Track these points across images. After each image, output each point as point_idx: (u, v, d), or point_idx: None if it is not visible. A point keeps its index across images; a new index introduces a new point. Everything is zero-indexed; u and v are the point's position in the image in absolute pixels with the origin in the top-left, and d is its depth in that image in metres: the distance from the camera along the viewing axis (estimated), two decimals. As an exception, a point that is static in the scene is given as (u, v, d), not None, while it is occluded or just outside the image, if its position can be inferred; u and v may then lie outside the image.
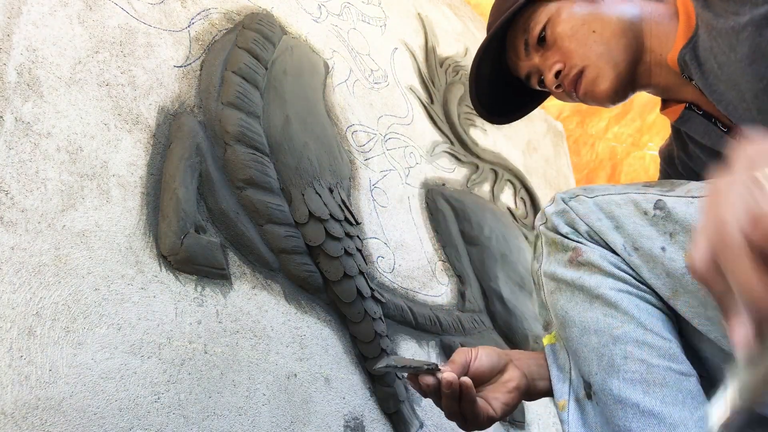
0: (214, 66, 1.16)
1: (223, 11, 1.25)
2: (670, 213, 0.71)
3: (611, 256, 0.75)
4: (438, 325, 1.39)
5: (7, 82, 0.85)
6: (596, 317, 0.75)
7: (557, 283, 0.80)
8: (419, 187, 1.61)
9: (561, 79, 0.96)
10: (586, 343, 0.75)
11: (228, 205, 1.06)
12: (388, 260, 1.38)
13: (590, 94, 0.95)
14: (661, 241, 0.71)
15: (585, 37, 0.92)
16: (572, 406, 0.78)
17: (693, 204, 0.69)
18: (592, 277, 0.76)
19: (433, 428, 1.27)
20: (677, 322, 0.75)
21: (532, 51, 0.99)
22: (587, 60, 0.92)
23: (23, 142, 0.84)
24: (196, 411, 0.90)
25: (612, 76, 0.91)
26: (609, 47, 0.91)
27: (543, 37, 0.96)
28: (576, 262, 0.77)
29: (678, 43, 0.86)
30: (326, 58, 1.47)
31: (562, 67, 0.95)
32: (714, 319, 0.66)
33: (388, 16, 1.82)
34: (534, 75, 1.03)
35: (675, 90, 0.94)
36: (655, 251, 0.71)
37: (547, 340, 0.85)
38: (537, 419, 1.58)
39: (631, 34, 0.91)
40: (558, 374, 0.82)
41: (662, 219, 0.71)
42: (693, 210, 0.69)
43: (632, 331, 0.72)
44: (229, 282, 1.03)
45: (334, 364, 1.14)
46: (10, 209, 0.80)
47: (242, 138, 1.11)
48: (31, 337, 0.77)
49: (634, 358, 0.70)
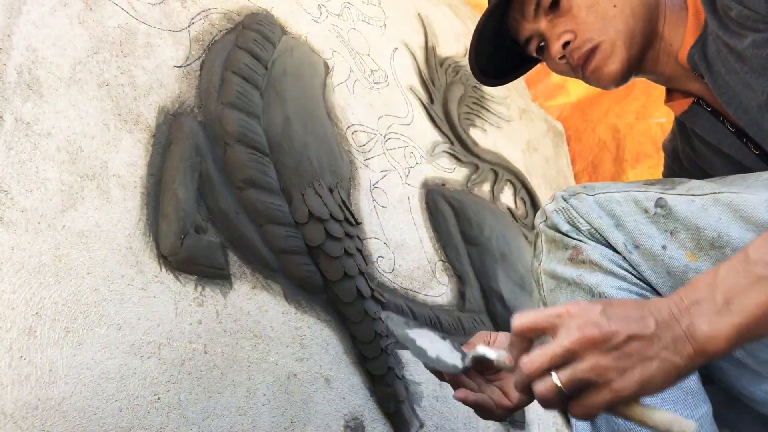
0: (214, 66, 1.16)
1: (223, 11, 1.25)
2: (671, 211, 0.70)
3: (612, 255, 0.75)
4: (438, 325, 1.39)
5: (7, 82, 0.85)
6: None
7: (557, 282, 0.80)
8: (419, 187, 1.61)
9: (569, 51, 0.90)
10: None
11: (228, 205, 1.06)
12: (388, 260, 1.38)
13: (598, 72, 0.90)
14: (661, 240, 0.71)
15: (605, 11, 0.87)
16: None
17: (694, 202, 0.69)
18: (593, 275, 0.75)
19: (433, 428, 1.27)
20: None
21: (541, 14, 0.92)
22: (604, 35, 0.87)
23: (23, 142, 0.84)
24: (196, 411, 0.90)
25: (624, 57, 0.88)
26: (628, 25, 0.87)
27: (557, 0, 0.90)
28: (576, 260, 0.77)
29: (688, 39, 0.85)
30: (326, 58, 1.47)
31: (573, 38, 0.89)
32: None
33: (388, 16, 1.82)
34: (534, 40, 0.96)
35: (680, 81, 0.92)
36: (656, 249, 0.71)
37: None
38: (537, 419, 1.58)
39: (649, 16, 0.88)
40: None
41: (663, 217, 0.71)
42: (694, 208, 0.69)
43: None
44: (229, 282, 1.03)
45: (334, 364, 1.14)
46: (10, 209, 0.80)
47: (242, 138, 1.11)
48: (31, 337, 0.77)
49: None
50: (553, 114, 2.54)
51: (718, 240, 0.66)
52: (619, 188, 0.77)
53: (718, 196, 0.67)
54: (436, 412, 1.30)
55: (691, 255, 0.68)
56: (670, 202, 0.71)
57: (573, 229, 0.78)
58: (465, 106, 1.97)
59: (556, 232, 0.80)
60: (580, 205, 0.78)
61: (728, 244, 0.65)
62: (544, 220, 0.83)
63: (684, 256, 0.69)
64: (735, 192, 0.66)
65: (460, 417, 1.35)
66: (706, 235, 0.67)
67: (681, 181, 0.76)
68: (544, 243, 0.82)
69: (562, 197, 0.81)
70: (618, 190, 0.77)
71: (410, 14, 1.94)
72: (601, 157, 2.34)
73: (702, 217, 0.67)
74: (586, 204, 0.78)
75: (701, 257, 0.67)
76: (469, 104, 2.01)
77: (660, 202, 0.72)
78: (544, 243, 0.82)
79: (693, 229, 0.68)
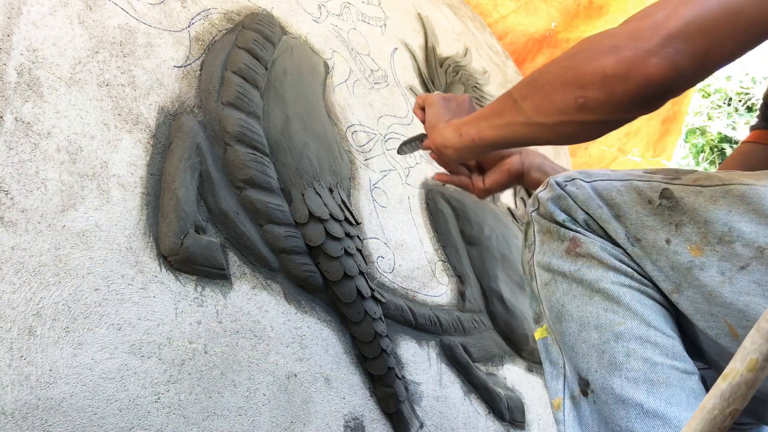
0: (214, 66, 1.16)
1: (223, 11, 1.25)
2: (678, 203, 0.67)
3: (612, 248, 0.71)
4: (438, 325, 1.39)
5: (7, 82, 0.85)
6: (596, 312, 0.71)
7: (552, 275, 0.76)
8: (419, 187, 1.61)
9: None
10: (586, 338, 0.72)
11: (228, 205, 1.06)
12: (388, 260, 1.38)
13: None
14: (665, 233, 0.67)
15: None
16: (567, 405, 0.75)
17: (702, 193, 0.65)
18: (592, 270, 0.72)
19: (433, 428, 1.27)
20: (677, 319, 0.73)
21: None
22: None
23: (23, 142, 0.84)
24: (196, 411, 0.90)
25: None
26: None
27: None
28: (574, 253, 0.73)
29: None
30: (326, 58, 1.47)
31: None
32: (717, 315, 0.64)
33: (388, 16, 1.82)
34: None
35: None
36: (660, 243, 0.67)
37: (539, 334, 0.81)
38: (537, 419, 1.58)
39: None
40: (551, 370, 0.77)
41: (668, 209, 0.67)
42: (702, 200, 0.65)
43: (635, 327, 0.68)
44: (229, 282, 1.03)
45: (334, 364, 1.14)
46: (10, 209, 0.80)
47: (242, 138, 1.11)
48: (31, 337, 0.77)
49: (637, 356, 0.67)
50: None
51: (728, 234, 0.62)
52: (618, 176, 0.73)
53: (728, 188, 0.63)
54: (436, 412, 1.30)
55: (696, 250, 0.64)
56: (676, 193, 0.67)
57: (569, 218, 0.74)
58: (465, 106, 1.97)
59: (551, 222, 0.76)
60: (578, 193, 0.73)
61: (739, 239, 0.61)
62: (536, 208, 0.78)
63: (688, 251, 0.65)
64: (747, 183, 0.62)
65: (460, 417, 1.35)
66: (715, 229, 0.63)
67: (685, 171, 0.71)
68: (537, 233, 0.77)
69: (557, 183, 0.76)
70: (618, 178, 0.72)
71: (410, 14, 1.94)
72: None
73: (711, 210, 0.63)
74: (584, 191, 0.73)
75: (707, 252, 0.63)
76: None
77: (665, 192, 0.68)
78: (536, 233, 0.77)
79: (701, 222, 0.64)
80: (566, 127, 0.70)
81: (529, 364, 1.66)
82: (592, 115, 0.66)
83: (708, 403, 0.44)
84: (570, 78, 0.67)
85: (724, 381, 0.44)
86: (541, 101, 0.71)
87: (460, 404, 1.37)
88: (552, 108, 0.70)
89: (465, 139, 0.83)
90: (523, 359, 1.64)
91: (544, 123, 0.72)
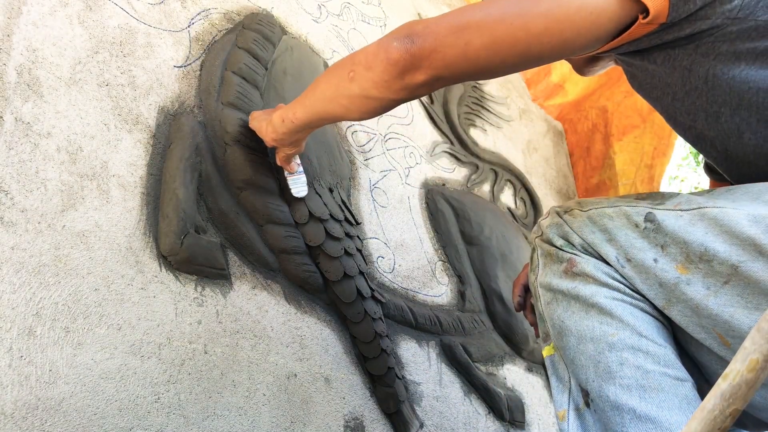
0: (214, 66, 1.16)
1: (223, 11, 1.25)
2: (660, 226, 0.72)
3: (605, 267, 0.77)
4: (438, 325, 1.39)
5: (7, 82, 0.85)
6: (592, 325, 0.76)
7: (553, 294, 0.82)
8: (419, 187, 1.61)
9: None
10: (583, 350, 0.77)
11: (228, 205, 1.06)
12: (388, 260, 1.38)
13: None
14: (653, 253, 0.72)
15: None
16: (572, 416, 0.80)
17: (682, 217, 0.70)
18: (587, 286, 0.77)
19: (433, 428, 1.27)
20: (672, 330, 0.76)
21: None
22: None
23: (23, 142, 0.84)
24: (196, 411, 0.90)
25: None
26: None
27: None
28: (571, 272, 0.79)
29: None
30: (326, 58, 1.47)
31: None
32: (707, 326, 0.68)
33: (388, 16, 1.82)
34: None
35: None
36: (648, 262, 0.72)
37: (547, 351, 0.87)
38: (537, 419, 1.58)
39: None
40: (558, 385, 0.83)
41: (653, 231, 0.73)
42: (682, 223, 0.70)
43: (627, 337, 0.73)
44: (229, 282, 1.03)
45: (334, 364, 1.14)
46: (10, 209, 0.80)
47: (242, 138, 1.11)
48: (31, 338, 0.77)
49: (630, 364, 0.71)
50: (553, 114, 2.54)
51: (706, 254, 0.67)
52: (610, 203, 0.79)
53: (703, 211, 0.69)
54: (436, 412, 1.30)
55: (682, 268, 0.69)
56: (659, 217, 0.72)
57: (567, 243, 0.81)
58: (465, 106, 1.97)
59: (551, 246, 0.83)
60: (574, 221, 0.81)
61: (715, 258, 0.66)
62: (539, 234, 0.87)
63: (675, 269, 0.70)
64: (719, 207, 0.67)
65: (460, 417, 1.35)
66: (694, 249, 0.68)
67: (670, 195, 0.77)
68: (540, 257, 0.85)
69: (557, 212, 0.85)
70: (609, 205, 0.79)
71: (410, 14, 1.94)
72: (593, 140, 2.46)
73: (690, 232, 0.68)
74: (579, 220, 0.80)
75: (692, 270, 0.68)
76: (469, 104, 2.01)
77: (649, 216, 0.73)
78: (540, 257, 0.86)
79: (681, 243, 0.69)
80: (344, 101, 0.89)
81: (529, 364, 1.66)
82: (359, 87, 0.84)
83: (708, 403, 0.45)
84: (348, 61, 0.87)
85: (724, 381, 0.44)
86: (327, 83, 0.91)
87: (460, 404, 1.37)
88: (332, 84, 0.89)
89: (286, 123, 1.01)
90: (523, 359, 1.64)
91: (331, 98, 0.90)
